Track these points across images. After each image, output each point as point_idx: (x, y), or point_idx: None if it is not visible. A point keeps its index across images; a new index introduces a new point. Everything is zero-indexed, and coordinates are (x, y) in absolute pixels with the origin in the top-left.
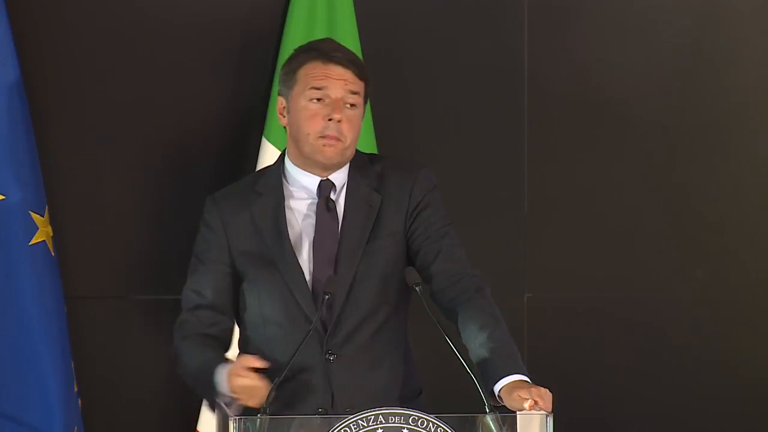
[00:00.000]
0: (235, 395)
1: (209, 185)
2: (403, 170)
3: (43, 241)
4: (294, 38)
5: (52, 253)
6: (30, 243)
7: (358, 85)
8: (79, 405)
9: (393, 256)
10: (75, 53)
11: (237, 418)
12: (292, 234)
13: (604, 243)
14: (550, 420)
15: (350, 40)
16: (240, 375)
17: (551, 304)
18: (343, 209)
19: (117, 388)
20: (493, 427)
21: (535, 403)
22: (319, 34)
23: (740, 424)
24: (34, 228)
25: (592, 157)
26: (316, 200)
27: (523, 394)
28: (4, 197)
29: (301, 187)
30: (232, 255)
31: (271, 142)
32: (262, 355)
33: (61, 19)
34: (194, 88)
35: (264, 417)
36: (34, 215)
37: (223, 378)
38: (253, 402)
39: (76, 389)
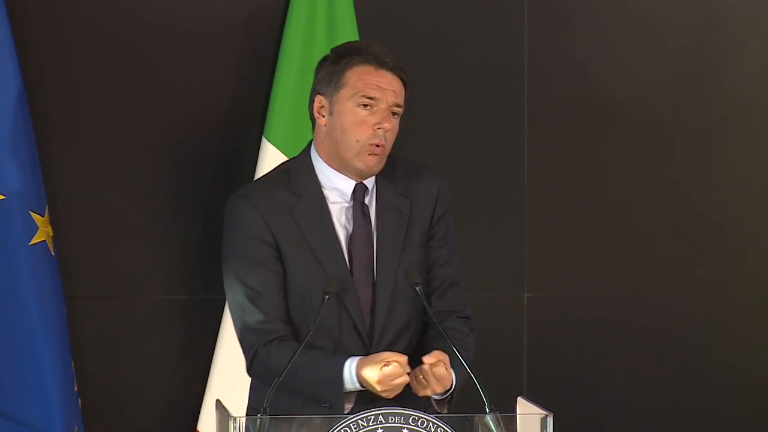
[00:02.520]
0: (381, 385)
1: (209, 185)
2: (426, 176)
3: (43, 241)
4: (294, 38)
5: (52, 253)
6: (30, 243)
7: (403, 95)
8: (79, 405)
9: (423, 265)
10: (75, 53)
11: (237, 417)
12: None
13: (604, 243)
14: (550, 420)
15: (350, 40)
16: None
17: (551, 304)
18: (374, 214)
19: (117, 388)
20: (493, 427)
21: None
22: (319, 34)
23: (740, 423)
24: (34, 228)
25: (592, 157)
26: (349, 204)
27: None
28: (4, 197)
29: (334, 189)
30: (281, 252)
31: (271, 142)
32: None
33: (61, 19)
34: (194, 89)
35: (264, 417)
36: (34, 215)
37: (371, 370)
38: (392, 394)
39: (76, 389)
